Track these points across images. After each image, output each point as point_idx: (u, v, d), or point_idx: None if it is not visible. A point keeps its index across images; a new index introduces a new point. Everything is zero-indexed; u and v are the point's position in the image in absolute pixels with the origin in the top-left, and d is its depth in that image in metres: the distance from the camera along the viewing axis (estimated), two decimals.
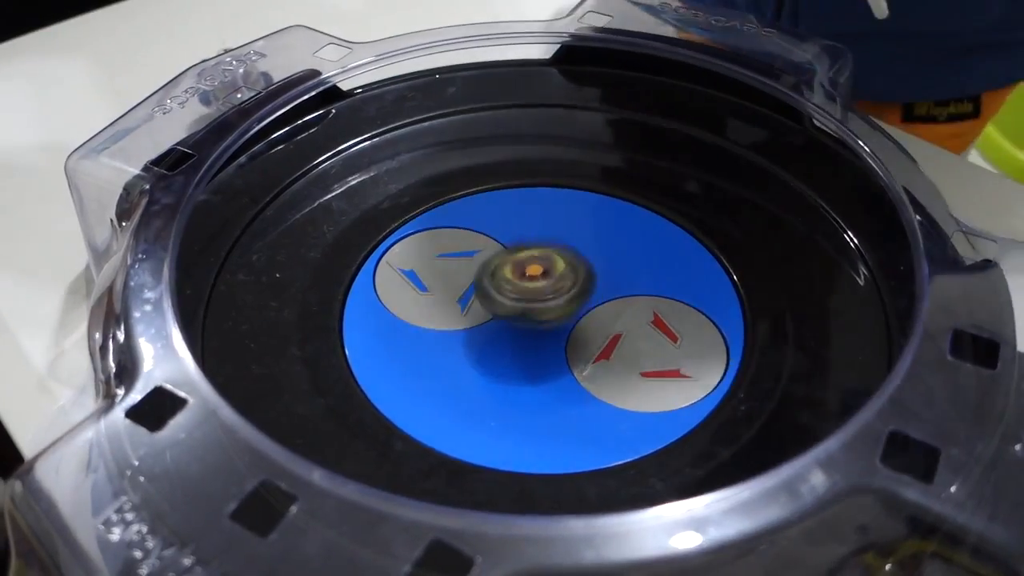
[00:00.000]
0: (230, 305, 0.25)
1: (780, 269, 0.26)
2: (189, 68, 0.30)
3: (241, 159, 0.28)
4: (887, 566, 0.18)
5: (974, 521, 0.18)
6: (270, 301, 0.25)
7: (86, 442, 0.19)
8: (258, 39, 0.31)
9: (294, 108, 0.29)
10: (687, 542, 0.17)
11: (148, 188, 0.25)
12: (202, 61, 0.30)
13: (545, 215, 0.29)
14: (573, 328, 0.25)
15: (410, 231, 0.28)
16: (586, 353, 0.24)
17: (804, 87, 0.29)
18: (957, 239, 0.24)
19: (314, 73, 0.30)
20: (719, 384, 0.24)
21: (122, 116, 0.28)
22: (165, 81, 0.29)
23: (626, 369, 0.24)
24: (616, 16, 0.33)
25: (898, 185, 0.25)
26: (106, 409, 0.19)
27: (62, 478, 0.18)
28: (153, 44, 0.41)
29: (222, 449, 0.18)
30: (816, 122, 0.29)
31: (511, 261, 0.24)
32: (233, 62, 0.30)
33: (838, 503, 0.18)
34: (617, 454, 0.22)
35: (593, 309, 0.26)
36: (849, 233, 0.27)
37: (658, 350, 0.25)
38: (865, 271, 0.26)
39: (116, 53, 0.41)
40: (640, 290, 0.26)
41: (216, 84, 0.29)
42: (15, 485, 0.18)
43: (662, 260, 0.27)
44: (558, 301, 0.24)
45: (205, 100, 0.29)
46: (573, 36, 0.32)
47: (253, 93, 0.29)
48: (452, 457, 0.22)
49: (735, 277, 0.26)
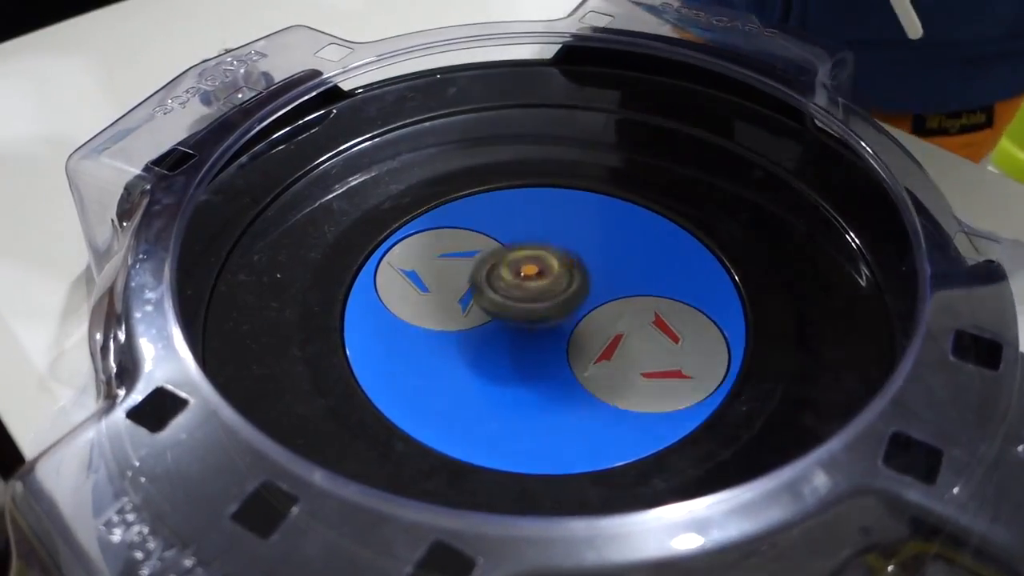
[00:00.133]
0: (231, 305, 0.25)
1: (781, 269, 0.26)
2: (190, 68, 0.29)
3: (242, 159, 0.28)
4: (889, 567, 0.18)
5: (976, 522, 0.18)
6: (271, 301, 0.25)
7: (87, 443, 0.19)
8: (259, 39, 0.31)
9: (295, 108, 0.29)
10: (689, 543, 0.17)
11: (149, 188, 0.25)
12: (203, 61, 0.30)
13: (546, 215, 0.29)
14: (574, 328, 0.25)
15: (411, 231, 0.28)
16: (587, 353, 0.24)
17: (805, 87, 0.29)
18: (959, 240, 0.24)
19: (315, 73, 0.30)
20: (720, 384, 0.24)
21: (123, 116, 0.28)
22: (166, 81, 0.29)
23: (627, 369, 0.24)
24: (617, 16, 0.33)
25: (900, 185, 0.25)
26: (107, 410, 0.19)
27: (63, 479, 0.18)
28: (154, 44, 0.41)
29: (223, 450, 0.18)
30: (818, 122, 0.29)
31: (507, 259, 0.24)
32: (234, 62, 0.30)
33: (840, 504, 0.18)
34: (618, 455, 0.22)
35: (594, 309, 0.26)
36: (851, 233, 0.27)
37: (659, 350, 0.24)
38: (867, 271, 0.26)
39: (117, 53, 0.41)
40: (641, 290, 0.26)
41: (217, 84, 0.29)
42: (16, 486, 0.18)
43: (663, 260, 0.27)
44: (549, 303, 0.24)
45: (206, 100, 0.29)
46: (574, 36, 0.32)
47: (254, 93, 0.29)
48: (453, 458, 0.22)
49: (736, 277, 0.26)
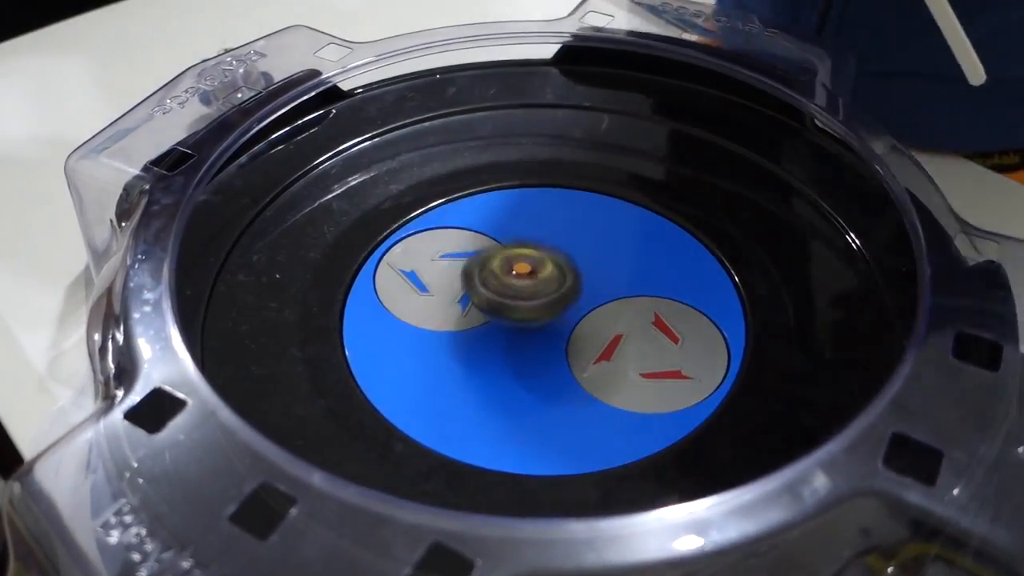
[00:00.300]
0: (230, 306, 0.25)
1: (781, 270, 0.26)
2: (189, 68, 0.29)
3: (241, 159, 0.28)
4: (889, 569, 0.18)
5: (977, 524, 0.17)
6: (270, 302, 0.25)
7: (85, 443, 0.18)
8: (258, 39, 0.31)
9: (294, 108, 0.29)
10: (689, 545, 0.17)
11: (148, 188, 0.25)
12: (202, 61, 0.30)
13: (546, 215, 0.29)
14: (573, 329, 0.25)
15: (411, 232, 0.28)
16: (586, 354, 0.24)
17: (806, 87, 0.29)
18: (960, 239, 0.24)
19: (314, 73, 0.30)
20: (720, 385, 0.23)
21: (122, 116, 0.27)
22: (165, 81, 0.29)
23: (627, 370, 0.24)
24: (617, 16, 0.33)
25: (900, 185, 0.25)
26: (105, 410, 0.19)
27: (61, 480, 0.18)
28: (153, 44, 0.41)
29: (221, 451, 0.18)
30: (818, 122, 0.29)
31: (501, 257, 0.24)
32: (233, 62, 0.30)
33: (840, 505, 0.17)
34: (618, 456, 0.22)
35: (593, 310, 0.26)
36: (851, 234, 0.27)
37: (659, 351, 0.24)
38: (867, 272, 0.26)
39: (116, 53, 0.41)
40: (641, 291, 0.26)
41: (216, 84, 0.29)
42: (14, 487, 0.18)
43: (663, 261, 0.27)
44: (535, 302, 0.24)
45: (205, 100, 0.29)
46: (574, 36, 0.32)
47: (253, 93, 0.29)
48: (452, 459, 0.22)
49: (736, 278, 0.26)
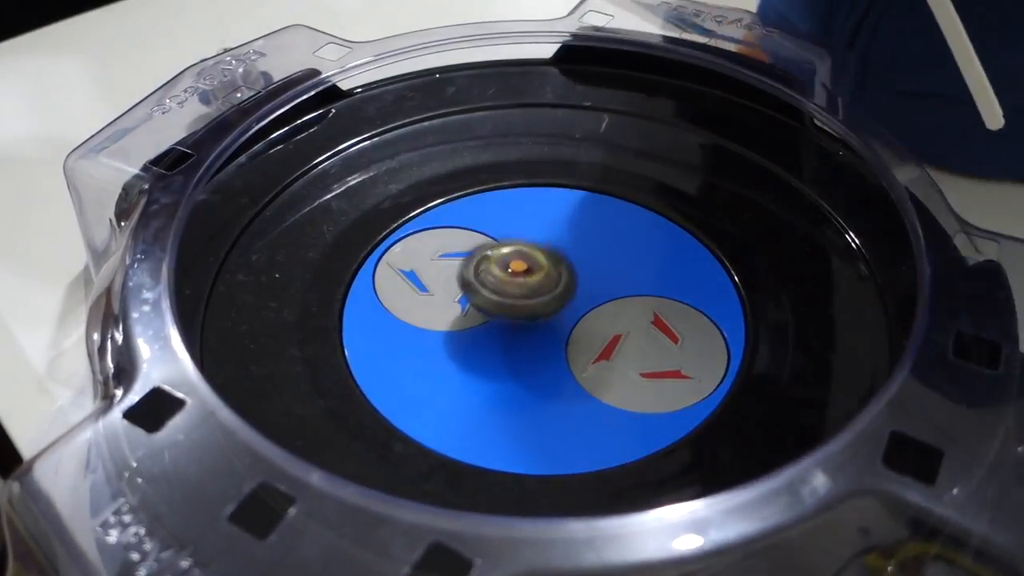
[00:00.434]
0: (229, 305, 0.25)
1: (781, 269, 0.26)
2: (188, 67, 0.29)
3: (240, 159, 0.28)
4: (889, 568, 0.18)
5: (977, 523, 0.17)
6: (269, 301, 0.25)
7: (84, 443, 0.18)
8: (257, 38, 0.31)
9: (293, 108, 0.29)
10: (688, 544, 0.17)
11: (147, 188, 0.25)
12: (201, 60, 0.30)
13: (546, 215, 0.29)
14: (573, 328, 0.25)
15: (410, 231, 0.28)
16: (586, 353, 0.24)
17: (805, 86, 0.29)
18: (959, 239, 0.24)
19: (314, 73, 0.30)
20: (720, 385, 0.23)
21: (121, 116, 0.27)
22: (164, 81, 0.29)
23: (626, 369, 0.24)
24: (617, 15, 0.33)
25: (900, 185, 0.25)
26: (104, 410, 0.19)
27: (60, 479, 0.18)
28: (152, 43, 0.41)
29: (220, 451, 0.18)
30: (817, 121, 0.29)
31: (494, 256, 0.24)
32: (232, 61, 0.30)
33: (840, 505, 0.17)
34: (618, 455, 0.22)
35: (593, 309, 0.25)
36: (850, 233, 0.27)
37: (659, 350, 0.24)
38: (867, 271, 0.26)
39: (115, 52, 0.41)
40: (640, 290, 0.26)
41: (215, 84, 0.29)
42: (13, 486, 0.18)
43: (663, 260, 0.27)
44: (538, 299, 0.24)
45: (204, 100, 0.29)
46: (574, 35, 0.32)
47: (253, 93, 0.29)
48: (451, 458, 0.22)
49: (736, 278, 0.26)
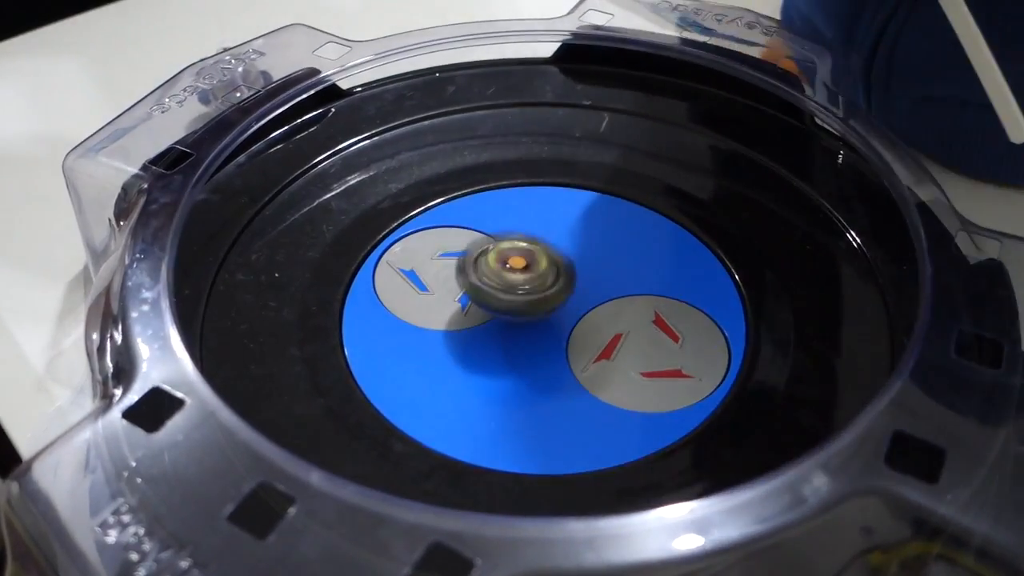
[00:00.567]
0: (229, 305, 0.25)
1: (782, 268, 0.26)
2: (188, 67, 0.29)
3: (240, 158, 0.28)
4: (891, 568, 0.18)
5: (979, 523, 0.17)
6: (269, 301, 0.25)
7: (83, 443, 0.18)
8: (257, 38, 0.31)
9: (293, 107, 0.29)
10: (690, 544, 0.17)
11: (146, 187, 0.24)
12: (200, 60, 0.30)
13: (546, 214, 0.28)
14: (573, 328, 0.25)
15: (410, 231, 0.28)
16: (587, 353, 0.24)
17: (806, 85, 0.29)
18: (961, 238, 0.23)
19: (313, 72, 0.30)
20: (721, 384, 0.23)
21: (120, 115, 0.27)
22: (163, 80, 0.29)
23: (627, 369, 0.24)
24: (617, 14, 0.33)
25: (901, 183, 0.25)
26: (103, 410, 0.19)
27: (59, 479, 0.18)
28: (151, 43, 0.41)
29: (220, 450, 0.18)
30: (818, 120, 0.29)
31: (497, 249, 0.24)
32: (232, 61, 0.30)
33: (842, 504, 0.17)
34: (618, 455, 0.22)
35: (593, 309, 0.25)
36: (852, 232, 0.27)
37: (659, 350, 0.24)
38: (868, 270, 0.26)
39: (114, 52, 0.41)
40: (641, 289, 0.26)
41: (215, 83, 0.29)
42: (12, 486, 0.18)
43: (663, 259, 0.27)
44: (539, 295, 0.24)
45: (204, 99, 0.28)
46: (574, 34, 0.32)
47: (252, 92, 0.28)
48: (452, 458, 0.22)
49: (737, 277, 0.26)
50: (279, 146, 0.29)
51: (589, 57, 0.32)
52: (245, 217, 0.27)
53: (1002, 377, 0.20)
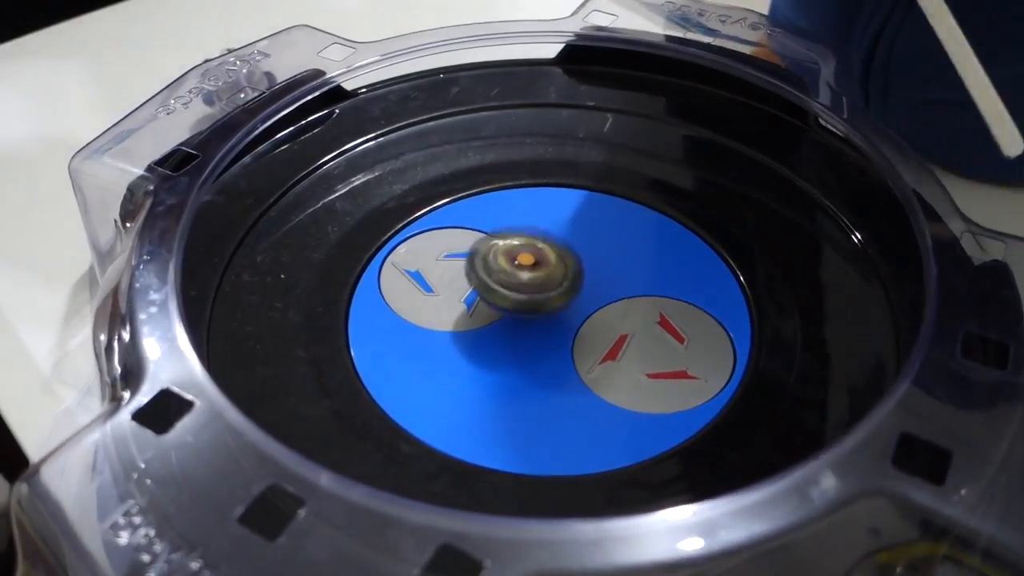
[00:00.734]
0: (235, 306, 0.25)
1: (787, 270, 0.26)
2: (193, 68, 0.29)
3: (245, 159, 0.28)
4: (898, 569, 0.18)
5: (985, 524, 0.17)
6: (275, 302, 0.25)
7: (92, 445, 0.18)
8: (261, 39, 0.31)
9: (298, 108, 0.29)
10: (697, 545, 0.17)
11: (152, 189, 0.24)
12: (205, 61, 0.30)
13: (550, 215, 0.28)
14: (579, 328, 0.25)
15: (415, 232, 0.28)
16: (592, 354, 0.24)
17: (810, 86, 0.29)
18: (966, 239, 0.24)
19: (318, 73, 0.30)
20: (727, 385, 0.23)
21: (126, 116, 0.27)
22: (167, 81, 0.29)
23: (633, 370, 0.24)
24: (621, 15, 0.33)
25: (906, 185, 0.25)
26: (112, 412, 0.19)
27: (68, 481, 0.18)
28: (155, 44, 0.41)
29: (229, 452, 0.18)
30: (822, 121, 0.29)
31: (503, 248, 0.24)
32: (237, 62, 0.30)
33: (849, 506, 0.17)
34: (625, 456, 0.22)
35: (599, 310, 0.25)
36: (856, 233, 0.27)
37: (665, 351, 0.24)
38: (873, 271, 0.26)
39: (118, 53, 0.41)
40: (646, 291, 0.26)
41: (220, 84, 0.29)
42: (21, 488, 0.18)
43: (668, 261, 0.27)
44: (554, 292, 0.24)
45: (208, 100, 0.28)
46: (577, 35, 0.32)
47: (257, 93, 0.29)
48: (458, 459, 0.22)
49: (741, 278, 0.26)
50: (284, 147, 0.29)
51: (593, 58, 0.32)
52: (250, 218, 0.27)
53: (1008, 378, 0.20)
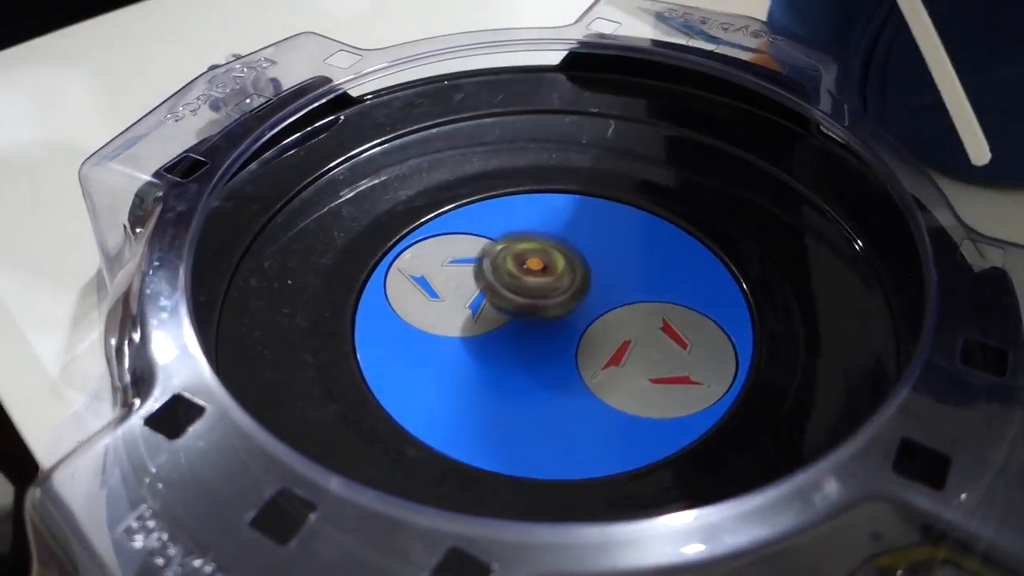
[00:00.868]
0: (243, 312, 0.25)
1: (789, 276, 0.26)
2: (200, 75, 0.30)
3: (252, 166, 0.29)
4: (898, 573, 0.18)
5: (984, 528, 0.18)
6: (282, 308, 0.25)
7: (104, 450, 0.19)
8: (268, 46, 0.31)
9: (304, 115, 0.29)
10: (700, 549, 0.17)
11: (162, 195, 0.25)
12: (212, 68, 0.30)
13: (554, 220, 0.29)
14: (583, 334, 0.25)
15: (420, 237, 0.28)
16: (596, 359, 0.25)
17: (811, 93, 0.29)
18: (966, 246, 0.24)
19: (324, 80, 0.30)
20: (729, 390, 0.24)
21: (134, 123, 0.28)
22: (173, 88, 0.29)
23: (637, 375, 0.24)
24: (624, 23, 0.33)
25: (906, 192, 0.25)
26: (124, 417, 0.19)
27: (82, 486, 0.18)
28: (161, 51, 0.41)
29: (240, 457, 0.18)
30: (823, 128, 0.29)
31: (512, 252, 0.25)
32: (244, 69, 0.30)
33: (850, 510, 0.18)
34: (628, 460, 0.22)
35: (602, 315, 0.26)
36: (857, 240, 0.27)
37: (668, 356, 0.25)
38: (873, 278, 0.26)
39: (124, 59, 0.41)
40: (649, 296, 0.26)
41: (227, 91, 0.29)
42: (35, 493, 0.18)
43: (671, 267, 0.27)
44: (562, 297, 0.24)
45: (215, 107, 0.29)
46: (581, 43, 0.32)
47: (264, 100, 0.29)
48: (464, 463, 0.22)
49: (744, 284, 0.26)
50: (290, 153, 0.30)
51: (596, 65, 0.33)
52: (257, 224, 0.27)
53: (1007, 384, 0.20)
